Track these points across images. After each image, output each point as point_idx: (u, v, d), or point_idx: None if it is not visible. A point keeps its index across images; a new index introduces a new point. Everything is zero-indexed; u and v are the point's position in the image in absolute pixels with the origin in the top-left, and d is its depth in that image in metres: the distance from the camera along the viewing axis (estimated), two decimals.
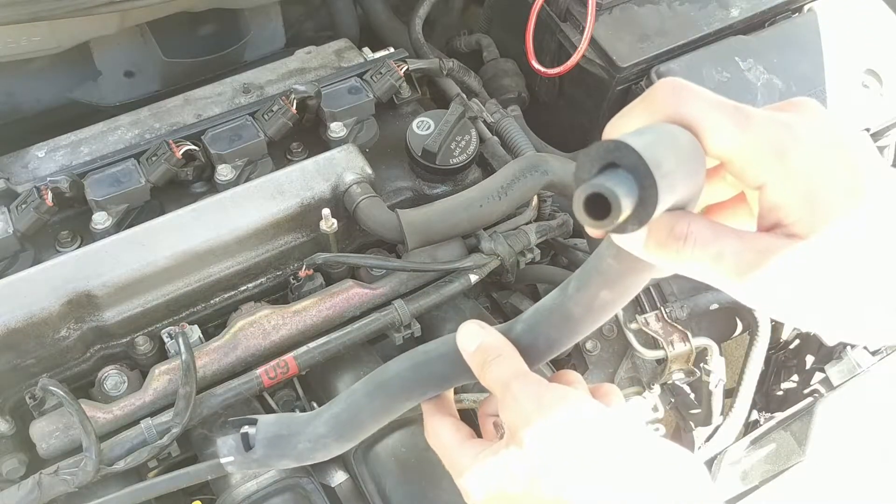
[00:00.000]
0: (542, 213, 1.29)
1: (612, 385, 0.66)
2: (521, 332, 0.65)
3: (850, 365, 1.28)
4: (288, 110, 1.22)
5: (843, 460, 1.11)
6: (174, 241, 1.08)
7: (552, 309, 0.63)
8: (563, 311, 0.61)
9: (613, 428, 0.58)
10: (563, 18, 1.41)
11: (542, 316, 0.64)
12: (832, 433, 1.14)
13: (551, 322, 0.63)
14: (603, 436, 0.57)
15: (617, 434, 0.58)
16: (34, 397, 1.02)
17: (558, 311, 0.62)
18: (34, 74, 1.39)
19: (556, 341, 0.64)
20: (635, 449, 0.57)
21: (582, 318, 0.61)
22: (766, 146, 0.49)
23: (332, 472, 1.13)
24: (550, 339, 0.64)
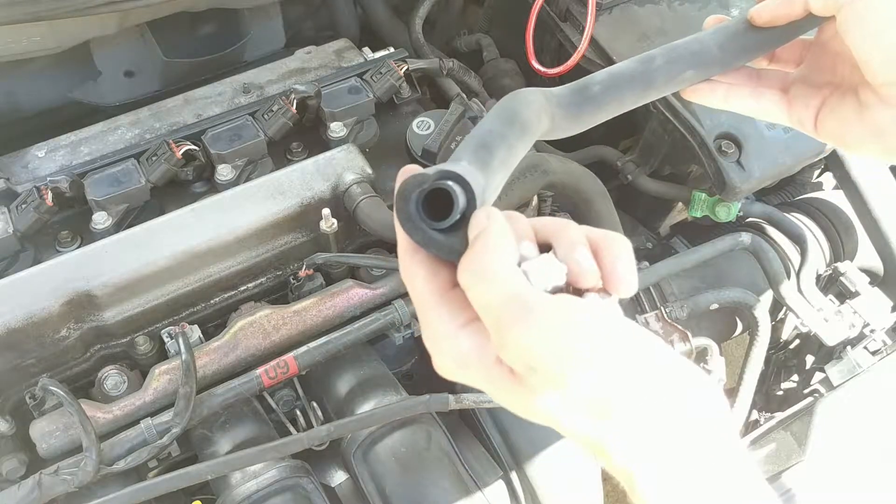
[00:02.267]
0: (542, 213, 1.29)
1: (618, 240, 0.54)
2: (599, 92, 0.68)
3: (850, 365, 1.28)
4: (288, 110, 1.22)
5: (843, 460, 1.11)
6: (174, 241, 1.08)
7: (632, 75, 0.68)
8: (644, 78, 0.67)
9: (633, 363, 0.49)
10: (563, 18, 1.41)
11: (622, 80, 0.68)
12: (832, 433, 1.14)
13: (631, 86, 0.68)
14: (625, 377, 0.49)
15: (637, 369, 0.49)
16: (34, 397, 1.02)
17: (640, 77, 0.68)
18: (34, 74, 1.38)
19: (625, 102, 0.68)
20: (659, 389, 0.49)
21: (660, 86, 0.68)
22: None
23: (332, 472, 1.13)
24: (622, 100, 0.68)
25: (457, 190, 0.51)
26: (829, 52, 0.68)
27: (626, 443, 0.49)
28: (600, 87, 0.68)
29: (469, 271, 0.50)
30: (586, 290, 0.53)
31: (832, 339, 1.31)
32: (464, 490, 1.03)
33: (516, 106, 0.62)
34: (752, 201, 1.44)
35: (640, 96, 0.69)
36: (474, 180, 0.52)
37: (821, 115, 0.69)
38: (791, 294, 1.30)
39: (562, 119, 0.67)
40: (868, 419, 1.16)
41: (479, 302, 0.50)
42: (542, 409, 0.50)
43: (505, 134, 0.59)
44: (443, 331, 0.52)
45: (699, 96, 0.73)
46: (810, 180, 1.66)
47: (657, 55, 0.69)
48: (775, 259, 1.28)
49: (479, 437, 1.14)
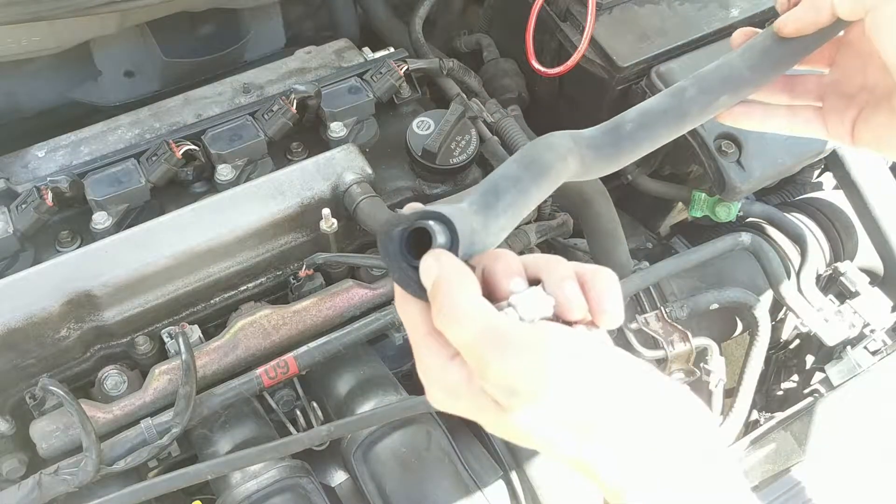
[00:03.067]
0: (542, 213, 1.29)
1: (604, 274, 0.55)
2: (632, 130, 0.68)
3: (850, 365, 1.28)
4: (288, 110, 1.22)
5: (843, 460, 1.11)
6: (174, 241, 1.08)
7: (665, 110, 0.68)
8: (678, 111, 0.67)
9: (610, 382, 0.51)
10: (563, 18, 1.41)
11: (654, 116, 0.68)
12: (832, 433, 1.14)
13: (664, 121, 0.68)
14: (602, 396, 0.50)
15: (615, 388, 0.51)
16: (34, 397, 1.02)
17: (672, 111, 0.68)
18: (34, 74, 1.38)
19: (659, 138, 0.68)
20: (639, 407, 0.51)
21: (694, 116, 0.67)
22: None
23: (332, 472, 1.13)
24: (656, 135, 0.68)
25: (437, 229, 0.53)
26: (858, 52, 0.69)
27: (611, 461, 0.50)
28: (633, 124, 0.68)
29: (439, 316, 0.52)
30: (575, 323, 0.54)
31: (832, 339, 1.31)
32: (464, 490, 1.03)
33: (538, 150, 0.63)
34: (752, 201, 1.44)
35: (674, 129, 0.69)
36: (463, 222, 0.54)
37: (857, 127, 0.69)
38: (791, 294, 1.30)
39: (594, 160, 0.67)
40: (868, 419, 1.16)
41: (456, 341, 0.52)
42: (526, 430, 0.51)
43: (519, 177, 0.60)
44: (433, 364, 0.54)
45: (735, 120, 0.74)
46: (810, 180, 1.66)
47: (688, 86, 0.69)
48: (775, 259, 1.28)
49: (479, 437, 1.14)
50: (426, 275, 0.53)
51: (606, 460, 0.50)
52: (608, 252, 1.23)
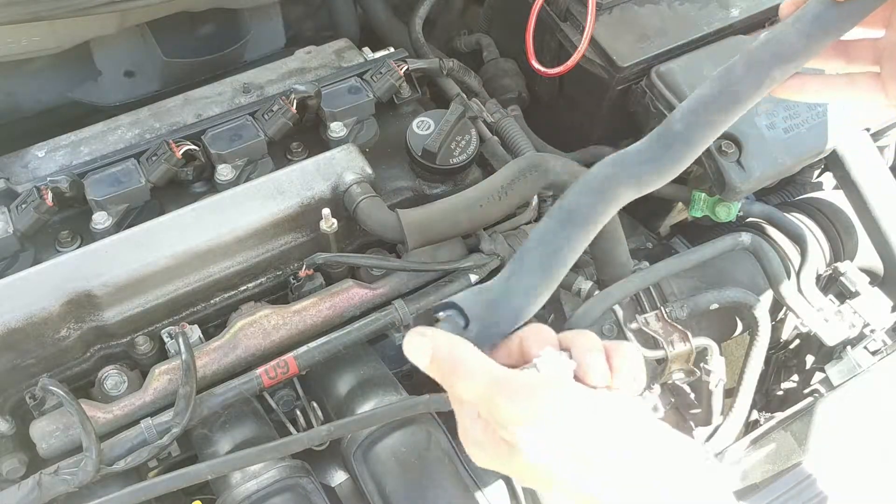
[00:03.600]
0: (542, 213, 1.29)
1: (627, 345, 0.62)
2: (683, 129, 0.66)
3: (850, 365, 1.28)
4: (288, 110, 1.22)
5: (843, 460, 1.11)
6: (174, 241, 1.08)
7: (714, 97, 0.66)
8: (729, 94, 0.66)
9: (610, 421, 0.55)
10: (563, 18, 1.41)
11: (703, 106, 0.67)
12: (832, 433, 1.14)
13: (716, 108, 0.67)
14: (602, 432, 0.54)
15: (615, 427, 0.55)
16: (34, 397, 1.02)
17: (723, 95, 0.66)
18: (34, 74, 1.38)
19: (713, 127, 0.67)
20: (638, 444, 0.55)
21: (747, 96, 0.66)
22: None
23: (332, 472, 1.13)
24: (712, 125, 0.67)
25: (452, 314, 0.63)
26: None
27: (613, 495, 0.53)
28: (681, 123, 0.66)
29: (447, 380, 0.59)
30: (594, 388, 0.58)
31: (832, 339, 1.30)
32: (464, 490, 1.03)
33: (573, 198, 0.66)
34: (752, 201, 1.44)
35: (729, 114, 0.66)
36: (474, 301, 0.62)
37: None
38: (791, 294, 1.30)
39: (651, 175, 0.67)
40: (868, 419, 1.16)
41: (469, 397, 0.58)
42: (532, 465, 0.55)
43: (545, 234, 0.65)
44: (464, 424, 0.61)
45: (790, 92, 0.71)
46: (810, 180, 1.66)
47: (736, 65, 0.66)
48: (775, 259, 1.28)
49: None
50: (417, 353, 0.61)
51: (608, 495, 0.53)
52: (608, 252, 1.23)
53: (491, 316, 0.62)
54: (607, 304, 1.18)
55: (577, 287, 1.25)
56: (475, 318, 0.63)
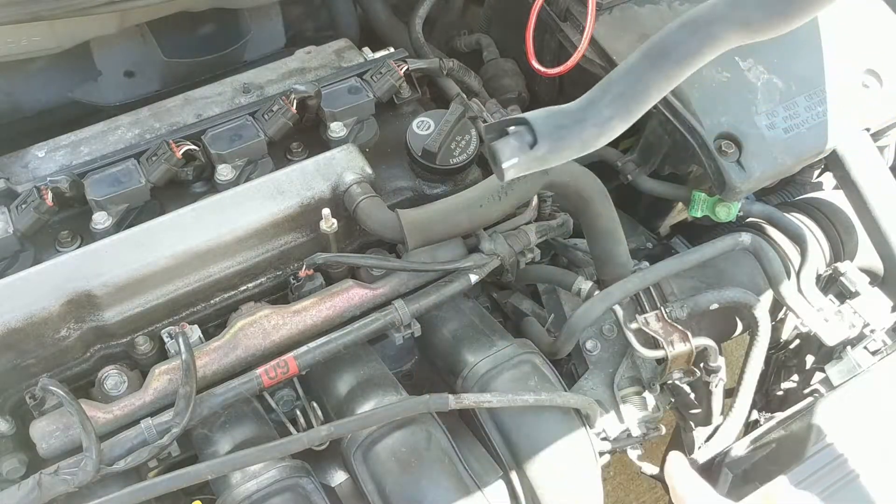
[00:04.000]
0: (542, 213, 1.29)
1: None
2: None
3: (850, 365, 1.28)
4: (288, 110, 1.22)
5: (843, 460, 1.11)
6: (174, 241, 1.08)
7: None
8: None
9: None
10: (563, 18, 1.41)
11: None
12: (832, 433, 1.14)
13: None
14: None
15: None
16: (34, 397, 1.02)
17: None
18: (34, 74, 1.39)
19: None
20: None
21: None
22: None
23: (332, 472, 1.13)
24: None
25: (522, 130, 0.69)
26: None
27: None
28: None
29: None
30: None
31: (832, 339, 1.30)
32: (464, 490, 1.03)
33: (674, 36, 0.66)
34: (752, 201, 1.44)
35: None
36: (544, 121, 0.70)
37: None
38: (791, 294, 1.30)
39: (762, 21, 0.63)
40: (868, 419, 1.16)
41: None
42: None
43: (632, 68, 0.68)
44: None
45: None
46: (810, 180, 1.66)
47: None
48: (775, 259, 1.28)
49: (479, 437, 1.14)
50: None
51: None
52: (608, 252, 1.23)
53: (560, 139, 0.62)
54: (607, 304, 1.18)
55: (577, 287, 1.25)
56: (544, 137, 0.62)
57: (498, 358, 1.14)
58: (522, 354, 1.15)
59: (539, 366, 1.15)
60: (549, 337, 1.25)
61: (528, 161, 0.68)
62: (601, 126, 0.65)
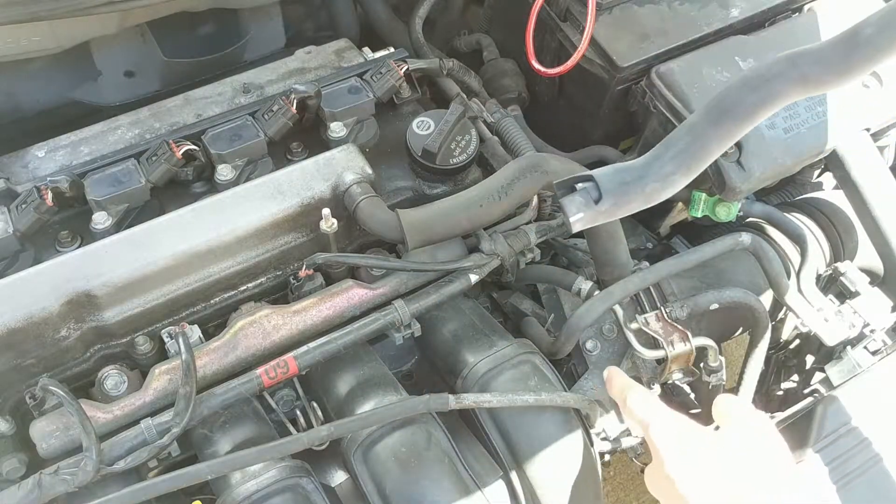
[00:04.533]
0: (542, 213, 1.29)
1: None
2: (872, 35, 0.62)
3: (850, 365, 1.28)
4: (288, 110, 1.22)
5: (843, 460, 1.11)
6: (174, 241, 1.08)
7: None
8: None
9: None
10: (563, 18, 1.41)
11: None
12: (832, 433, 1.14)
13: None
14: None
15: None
16: (34, 397, 1.02)
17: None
18: (34, 74, 1.39)
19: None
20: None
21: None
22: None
23: (332, 472, 1.13)
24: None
25: (588, 187, 0.77)
26: None
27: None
28: (873, 28, 0.62)
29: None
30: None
31: (832, 339, 1.30)
32: (464, 490, 1.03)
33: (728, 93, 0.69)
34: (752, 201, 1.44)
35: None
36: (609, 178, 0.76)
37: None
38: (791, 294, 1.29)
39: (820, 75, 0.65)
40: (868, 419, 1.16)
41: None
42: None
43: (694, 125, 0.73)
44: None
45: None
46: (810, 180, 1.66)
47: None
48: (775, 259, 1.28)
49: (479, 437, 1.14)
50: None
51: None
52: (608, 252, 1.23)
53: (624, 194, 0.67)
54: (607, 304, 1.18)
55: (577, 287, 1.25)
56: (608, 193, 0.67)
57: (498, 358, 1.14)
58: (522, 354, 1.15)
59: (539, 366, 1.15)
60: (549, 337, 1.25)
61: (594, 215, 0.72)
62: (663, 181, 0.69)
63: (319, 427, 1.02)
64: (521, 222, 1.25)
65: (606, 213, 0.69)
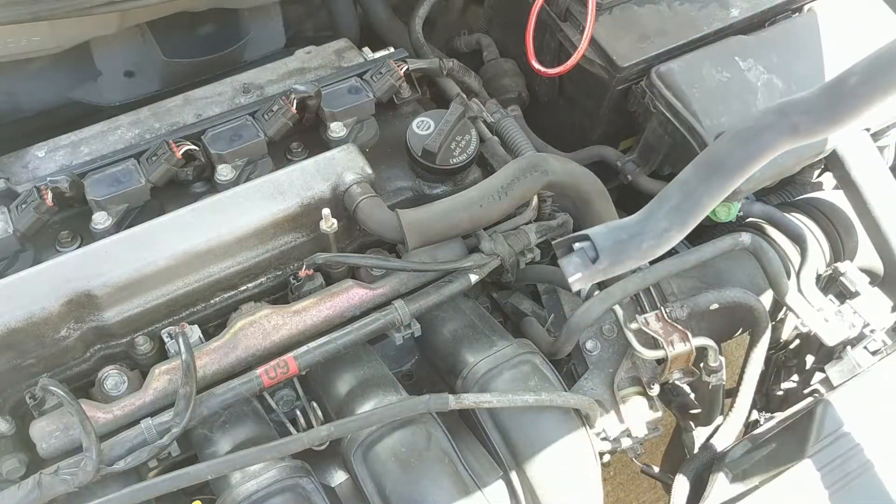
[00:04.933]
0: (542, 213, 1.29)
1: None
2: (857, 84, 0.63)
3: (850, 365, 1.28)
4: (288, 110, 1.22)
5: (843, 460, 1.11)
6: (174, 241, 1.08)
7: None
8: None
9: None
10: (563, 18, 1.41)
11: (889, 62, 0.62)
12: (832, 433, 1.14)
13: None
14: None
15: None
16: (34, 397, 1.02)
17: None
18: (34, 74, 1.39)
19: (888, 91, 0.64)
20: None
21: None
22: None
23: (332, 472, 1.13)
24: (889, 86, 0.63)
25: (585, 247, 0.78)
26: None
27: None
28: (858, 77, 0.63)
29: None
30: None
31: (832, 339, 1.30)
32: (464, 490, 1.03)
33: (719, 148, 0.69)
34: (752, 201, 1.44)
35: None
36: (605, 237, 0.76)
37: None
38: (791, 294, 1.30)
39: (809, 125, 0.66)
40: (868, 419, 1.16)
41: None
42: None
43: (686, 181, 0.72)
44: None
45: None
46: (810, 180, 1.66)
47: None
48: (775, 259, 1.28)
49: (479, 437, 1.14)
50: None
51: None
52: None
53: (620, 252, 0.68)
54: (607, 304, 1.18)
55: None
56: (605, 252, 0.68)
57: (498, 358, 1.14)
58: (522, 354, 1.15)
59: (539, 366, 1.15)
60: (549, 337, 1.25)
61: (592, 274, 0.74)
62: (658, 238, 0.70)
63: (319, 427, 1.02)
64: (521, 222, 1.25)
65: (604, 272, 0.71)
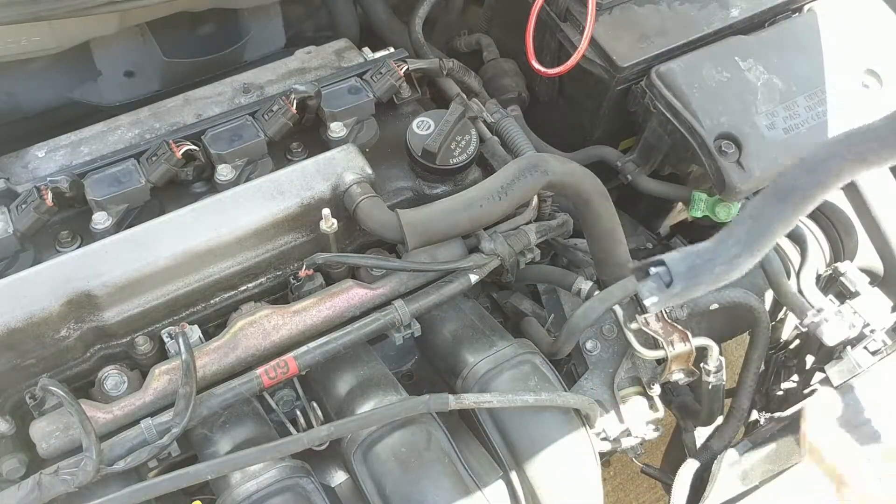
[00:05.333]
0: (542, 213, 1.29)
1: None
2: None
3: (850, 365, 1.28)
4: (288, 110, 1.22)
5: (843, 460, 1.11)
6: (174, 241, 1.08)
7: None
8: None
9: None
10: (563, 18, 1.41)
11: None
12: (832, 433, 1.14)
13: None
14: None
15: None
16: (34, 397, 1.02)
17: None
18: (34, 74, 1.38)
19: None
20: None
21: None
22: None
23: (332, 472, 1.13)
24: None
25: (660, 272, 0.77)
26: None
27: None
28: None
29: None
30: None
31: (832, 339, 1.31)
32: (464, 490, 1.03)
33: (796, 178, 0.73)
34: None
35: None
36: (679, 262, 0.77)
37: None
38: (791, 294, 1.30)
39: (876, 153, 0.70)
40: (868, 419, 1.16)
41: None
42: None
43: (761, 209, 0.75)
44: None
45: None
46: None
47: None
48: (775, 259, 1.28)
49: (479, 437, 1.14)
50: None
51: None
52: (608, 252, 1.23)
53: (693, 277, 0.71)
54: (607, 304, 1.18)
55: (577, 287, 1.25)
56: (679, 277, 0.72)
57: (498, 358, 1.14)
58: (522, 354, 1.15)
59: (539, 366, 1.15)
60: (549, 337, 1.25)
61: (667, 298, 0.78)
62: (729, 263, 0.75)
63: (319, 427, 1.02)
64: (521, 222, 1.25)
65: (678, 296, 0.76)
